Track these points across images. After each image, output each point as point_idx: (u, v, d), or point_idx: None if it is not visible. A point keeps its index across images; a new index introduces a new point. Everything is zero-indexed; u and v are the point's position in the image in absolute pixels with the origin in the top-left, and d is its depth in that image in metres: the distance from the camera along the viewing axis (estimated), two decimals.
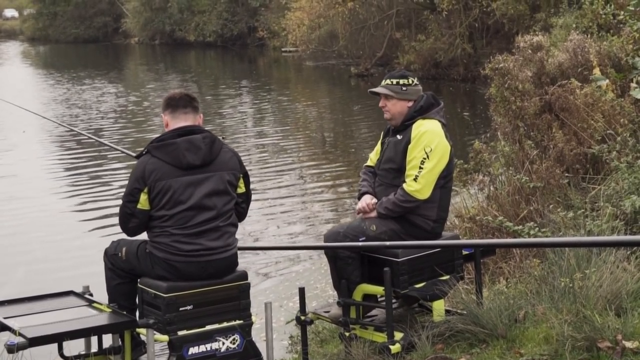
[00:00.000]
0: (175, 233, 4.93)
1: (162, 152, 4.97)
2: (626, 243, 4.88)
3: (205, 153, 4.98)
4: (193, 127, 5.07)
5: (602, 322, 4.75)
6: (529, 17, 27.67)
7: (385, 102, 5.66)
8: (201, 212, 4.96)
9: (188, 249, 4.92)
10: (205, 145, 4.99)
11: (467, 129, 21.62)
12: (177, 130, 5.04)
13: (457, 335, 5.27)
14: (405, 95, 5.61)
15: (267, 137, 21.81)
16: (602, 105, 8.63)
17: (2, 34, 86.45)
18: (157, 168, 4.94)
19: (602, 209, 6.69)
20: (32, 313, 4.90)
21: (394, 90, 5.62)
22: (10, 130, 22.54)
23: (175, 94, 5.21)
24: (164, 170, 4.93)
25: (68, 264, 11.02)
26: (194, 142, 4.98)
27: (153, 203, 4.97)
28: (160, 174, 4.93)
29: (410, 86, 5.64)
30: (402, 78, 5.67)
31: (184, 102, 5.13)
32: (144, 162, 4.99)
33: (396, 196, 5.47)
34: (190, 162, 4.95)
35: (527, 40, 10.03)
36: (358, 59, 37.16)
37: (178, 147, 4.95)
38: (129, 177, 5.06)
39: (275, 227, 12.80)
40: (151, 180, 4.93)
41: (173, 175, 4.93)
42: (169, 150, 4.96)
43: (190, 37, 61.50)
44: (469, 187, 9.30)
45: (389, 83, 5.66)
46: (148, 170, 4.94)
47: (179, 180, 4.94)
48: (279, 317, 8.21)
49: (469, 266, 6.34)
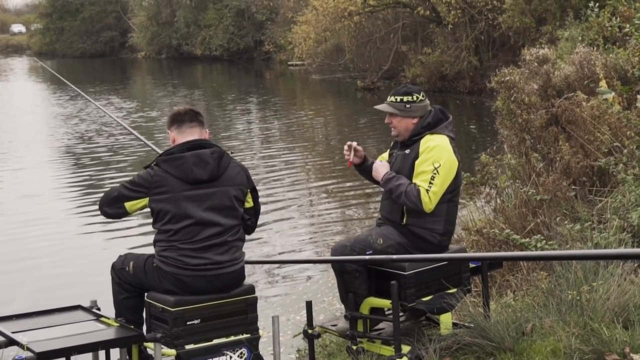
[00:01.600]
0: (183, 247, 4.94)
1: (170, 165, 4.97)
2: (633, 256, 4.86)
3: (213, 168, 4.98)
4: (202, 141, 5.08)
5: (609, 335, 4.74)
6: (534, 30, 27.68)
7: (391, 119, 5.61)
8: (207, 227, 4.96)
9: (195, 262, 4.93)
10: (213, 160, 4.99)
11: (474, 141, 21.62)
12: (186, 144, 5.04)
13: (464, 348, 5.26)
14: (409, 113, 5.54)
15: (274, 151, 21.84)
16: (608, 118, 8.63)
17: (10, 49, 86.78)
18: (164, 181, 4.94)
19: (609, 222, 6.68)
20: (40, 327, 4.90)
21: (397, 107, 5.57)
22: (16, 147, 22.59)
23: (180, 110, 5.21)
24: (171, 183, 4.94)
25: (76, 279, 11.04)
26: (202, 156, 4.98)
27: (158, 216, 4.98)
28: (166, 188, 4.94)
29: (414, 103, 5.55)
30: (405, 95, 5.58)
31: (189, 117, 5.14)
32: (151, 172, 4.99)
33: (408, 189, 5.37)
34: (197, 177, 4.95)
35: (534, 53, 10.04)
36: (364, 73, 37.21)
37: (186, 162, 4.95)
38: (136, 177, 5.04)
39: (282, 240, 12.80)
40: (156, 192, 4.94)
41: (179, 189, 4.94)
42: (177, 164, 4.96)
43: (196, 51, 61.70)
44: (476, 200, 9.29)
45: (393, 100, 5.60)
46: (155, 181, 4.95)
47: (185, 195, 4.94)
48: (286, 330, 8.20)
49: (476, 279, 6.34)
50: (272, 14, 54.84)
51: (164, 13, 65.57)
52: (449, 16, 31.03)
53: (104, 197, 5.13)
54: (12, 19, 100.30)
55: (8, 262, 12.16)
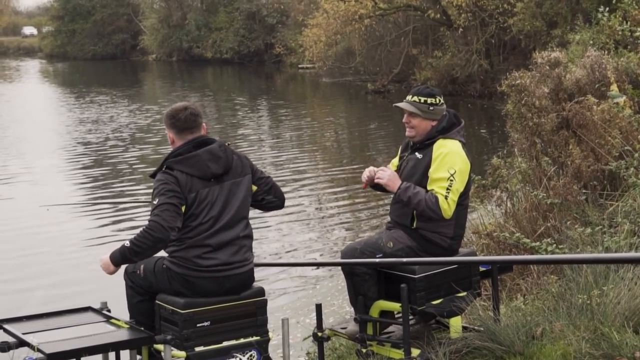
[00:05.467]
0: (196, 246, 4.94)
1: (185, 165, 4.93)
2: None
3: (225, 161, 5.02)
4: (205, 138, 5.09)
5: (620, 339, 4.73)
6: (545, 34, 27.66)
7: (410, 119, 5.54)
8: (222, 223, 4.97)
9: (207, 264, 4.93)
10: (223, 153, 5.03)
11: (484, 145, 21.60)
12: (191, 142, 5.02)
13: (474, 351, 5.25)
14: (431, 115, 5.50)
15: (285, 154, 21.86)
16: (619, 122, 8.60)
17: (21, 51, 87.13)
18: (188, 182, 4.90)
19: (620, 226, 6.66)
20: (50, 329, 4.91)
21: (421, 108, 5.50)
22: (26, 152, 22.65)
23: (179, 112, 5.07)
24: (193, 183, 4.91)
25: (86, 281, 11.05)
26: (214, 152, 4.99)
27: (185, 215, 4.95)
28: (190, 186, 4.90)
29: (437, 106, 5.51)
30: (429, 97, 5.51)
31: (190, 124, 5.06)
32: (170, 176, 4.91)
33: (427, 198, 5.34)
34: (214, 172, 4.96)
35: (545, 57, 10.02)
36: (375, 76, 37.23)
37: (201, 159, 4.95)
38: (157, 191, 4.88)
39: (292, 243, 12.80)
40: (186, 192, 4.89)
41: (200, 187, 4.94)
42: (192, 163, 4.94)
43: (207, 54, 61.84)
44: (486, 203, 9.28)
45: (416, 100, 5.53)
46: (182, 184, 4.89)
47: (205, 191, 4.95)
48: (296, 333, 8.21)
49: (486, 283, 6.32)
50: (283, 16, 54.95)
51: (175, 16, 65.75)
52: (460, 19, 31.03)
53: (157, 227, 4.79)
54: (24, 21, 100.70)
55: (21, 264, 12.19)
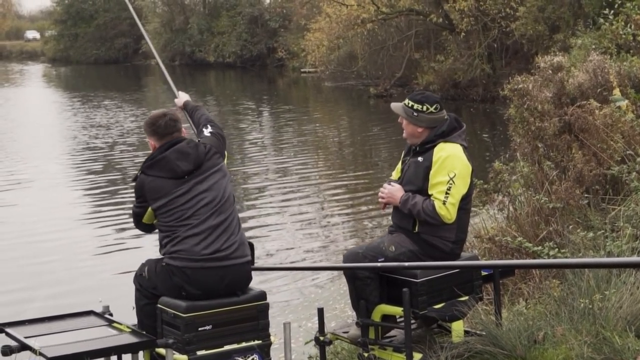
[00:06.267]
0: (189, 235, 5.02)
1: (155, 169, 5.13)
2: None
3: (195, 157, 5.13)
4: (176, 139, 5.22)
5: (622, 343, 4.72)
6: (547, 38, 27.66)
7: (402, 120, 5.67)
8: (207, 214, 5.05)
9: (205, 252, 4.99)
10: (191, 148, 5.15)
11: (487, 149, 21.59)
12: (163, 145, 5.19)
13: (476, 356, 5.25)
14: (415, 121, 5.56)
15: (287, 158, 21.86)
16: (621, 126, 8.60)
17: (24, 55, 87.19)
18: (156, 186, 5.10)
19: (622, 230, 6.66)
20: (52, 333, 4.92)
21: (406, 112, 5.60)
22: (34, 157, 22.67)
23: (159, 119, 5.27)
24: (162, 185, 5.09)
25: (89, 285, 11.07)
26: (181, 149, 5.14)
27: (161, 217, 5.13)
28: (159, 193, 5.09)
29: (422, 113, 5.55)
30: (418, 103, 5.58)
31: (170, 129, 5.25)
32: (142, 181, 5.18)
33: (424, 206, 5.40)
34: (184, 169, 5.10)
35: (548, 61, 10.02)
36: (377, 80, 37.22)
37: (169, 159, 5.10)
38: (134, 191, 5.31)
39: (294, 247, 12.80)
40: (152, 198, 5.11)
41: (173, 187, 5.08)
42: (161, 165, 5.11)
43: (209, 58, 61.86)
44: (488, 207, 9.27)
45: (406, 104, 5.63)
46: (148, 189, 5.13)
47: (179, 190, 5.07)
48: (298, 337, 8.20)
49: (488, 287, 6.32)
50: (285, 21, 55.00)
51: (178, 20, 65.81)
52: (462, 24, 31.03)
53: (133, 219, 5.47)
54: (27, 25, 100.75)
55: (23, 267, 12.20)
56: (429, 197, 5.42)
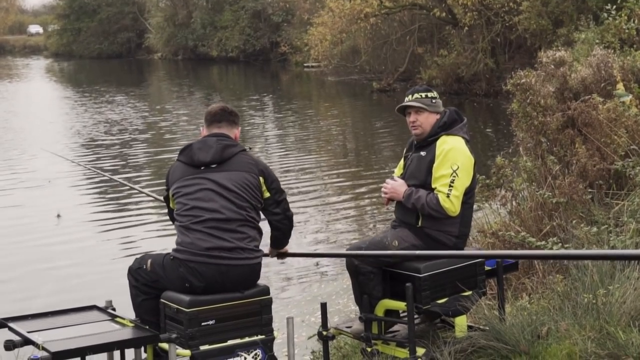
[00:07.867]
0: (192, 229, 5.03)
1: (182, 154, 5.28)
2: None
3: (215, 152, 5.15)
4: (217, 134, 5.27)
5: (625, 338, 4.72)
6: (551, 32, 27.60)
7: (417, 116, 5.61)
8: (210, 210, 5.04)
9: (206, 246, 4.98)
10: (217, 144, 5.18)
11: (490, 144, 21.57)
12: (205, 135, 5.32)
13: (479, 351, 5.25)
14: (435, 108, 5.62)
15: (290, 152, 21.86)
16: (625, 121, 8.59)
17: (27, 49, 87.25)
18: (175, 169, 5.28)
19: (626, 225, 6.65)
20: (55, 327, 4.92)
21: (425, 103, 5.61)
22: (33, 157, 22.65)
23: (214, 108, 5.43)
24: (180, 170, 5.24)
25: (92, 279, 11.08)
26: (207, 142, 5.22)
27: (175, 205, 5.23)
28: (174, 177, 5.25)
29: (437, 99, 5.68)
30: (428, 91, 5.69)
31: (218, 117, 5.33)
32: (172, 164, 5.39)
33: (428, 200, 5.41)
34: (200, 159, 5.15)
35: (550, 56, 10.00)
36: (380, 74, 37.19)
37: (192, 148, 5.23)
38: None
39: (297, 242, 12.79)
40: (170, 181, 5.28)
41: (186, 174, 5.18)
42: (186, 152, 5.25)
43: (212, 52, 61.83)
44: (491, 202, 9.26)
45: (419, 97, 5.64)
46: (170, 172, 5.32)
47: (190, 179, 5.15)
48: (301, 332, 8.21)
49: (492, 282, 6.32)
50: (288, 15, 54.91)
51: (181, 14, 65.75)
52: (465, 18, 30.97)
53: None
54: (30, 20, 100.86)
55: (26, 263, 12.21)
56: (432, 191, 5.43)
